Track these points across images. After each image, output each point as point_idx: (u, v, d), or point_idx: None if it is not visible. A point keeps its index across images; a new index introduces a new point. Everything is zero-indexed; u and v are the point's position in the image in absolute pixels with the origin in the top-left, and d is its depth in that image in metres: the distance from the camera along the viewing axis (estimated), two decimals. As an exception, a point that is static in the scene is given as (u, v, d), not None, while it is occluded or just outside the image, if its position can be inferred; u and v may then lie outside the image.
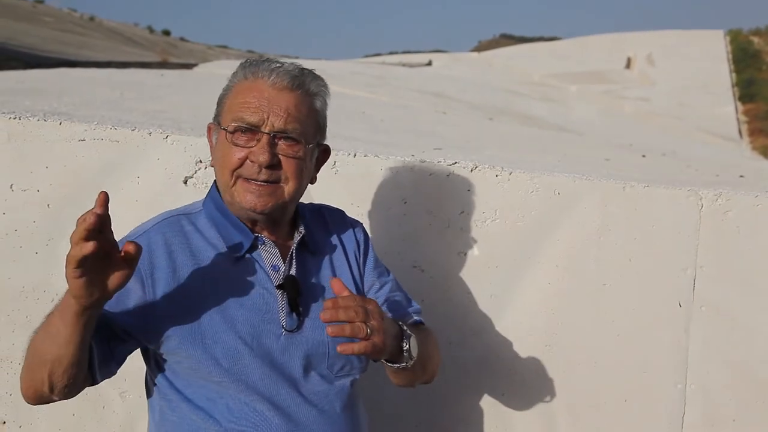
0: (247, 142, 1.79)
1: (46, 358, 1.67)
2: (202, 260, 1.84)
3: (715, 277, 2.60)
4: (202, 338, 1.78)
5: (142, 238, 1.81)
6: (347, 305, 1.68)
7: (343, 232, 2.04)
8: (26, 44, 30.34)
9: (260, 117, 1.78)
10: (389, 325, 1.77)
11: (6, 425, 2.50)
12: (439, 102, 11.89)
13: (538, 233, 2.60)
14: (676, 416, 2.63)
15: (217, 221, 1.88)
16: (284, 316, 1.83)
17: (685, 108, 20.81)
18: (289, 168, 1.81)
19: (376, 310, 1.71)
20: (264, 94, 1.80)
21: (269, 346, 1.80)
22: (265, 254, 1.87)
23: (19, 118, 2.47)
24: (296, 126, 1.80)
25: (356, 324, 1.66)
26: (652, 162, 5.32)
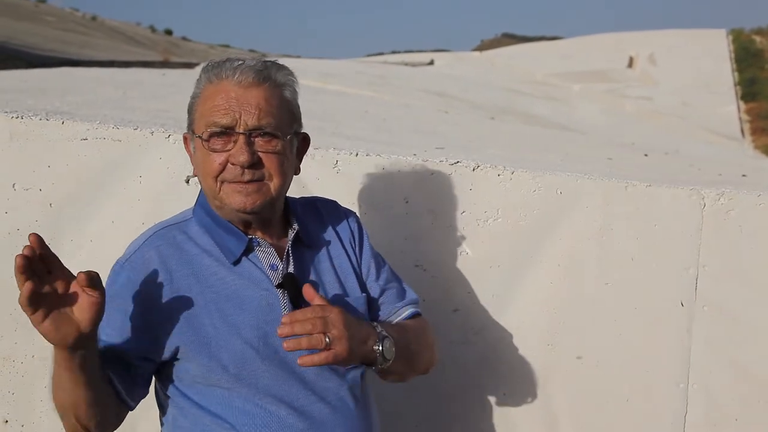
0: (224, 145, 1.78)
1: (66, 405, 1.72)
2: (198, 269, 1.83)
3: (717, 276, 2.60)
4: (208, 347, 1.78)
5: (136, 256, 1.83)
6: (305, 318, 1.67)
7: (337, 222, 2.03)
8: (28, 43, 30.36)
9: (232, 118, 1.76)
10: (355, 329, 1.74)
11: (8, 424, 2.50)
12: (441, 101, 11.89)
13: (540, 232, 2.60)
14: (679, 416, 2.62)
15: (209, 228, 1.87)
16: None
17: (687, 107, 20.79)
18: (270, 164, 1.79)
19: (337, 318, 1.70)
20: (231, 94, 1.78)
21: (276, 346, 1.79)
22: (261, 255, 1.86)
23: (21, 117, 2.47)
24: (270, 120, 1.78)
25: (314, 336, 1.66)
26: (654, 161, 5.31)
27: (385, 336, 1.81)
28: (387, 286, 2.04)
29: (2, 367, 2.49)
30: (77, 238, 2.48)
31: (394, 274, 2.10)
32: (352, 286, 1.96)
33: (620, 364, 2.61)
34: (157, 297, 1.79)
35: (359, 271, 2.01)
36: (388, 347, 1.80)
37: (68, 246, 2.48)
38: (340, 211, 2.07)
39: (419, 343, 1.99)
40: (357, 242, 2.04)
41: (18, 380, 2.49)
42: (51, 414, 2.50)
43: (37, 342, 2.48)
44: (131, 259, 1.83)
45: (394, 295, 2.05)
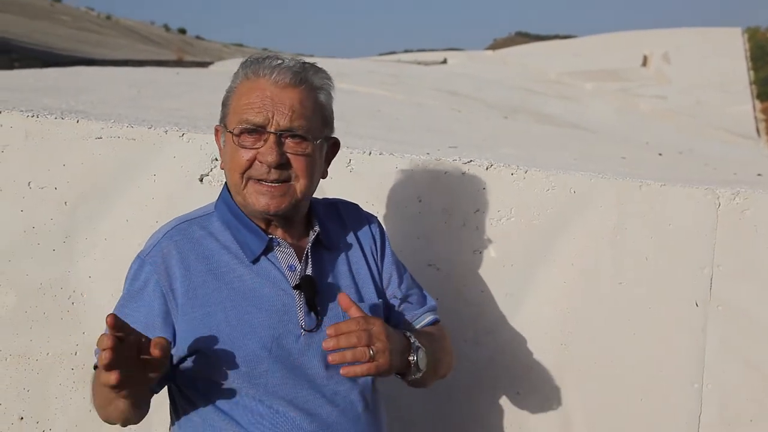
0: (254, 143, 1.78)
1: (115, 417, 1.78)
2: (216, 265, 1.83)
3: (732, 276, 2.59)
4: (221, 344, 1.78)
5: (155, 250, 1.83)
6: (349, 330, 1.68)
7: (358, 227, 2.03)
8: (44, 43, 30.52)
9: (265, 116, 1.76)
10: (395, 342, 1.76)
11: (24, 420, 2.52)
12: (454, 100, 11.88)
13: (554, 232, 2.59)
14: (693, 416, 2.61)
15: (231, 224, 1.86)
16: (303, 316, 1.82)
17: (701, 106, 20.67)
18: (298, 166, 1.79)
19: (380, 331, 1.71)
20: (267, 92, 1.78)
21: (289, 347, 1.80)
22: (280, 255, 1.86)
23: (36, 116, 2.48)
24: (302, 123, 1.78)
25: (358, 349, 1.67)
26: (668, 160, 5.29)
27: (419, 347, 1.82)
28: (409, 292, 2.05)
29: (18, 365, 2.50)
30: (91, 237, 2.50)
31: (414, 281, 2.10)
32: (368, 292, 1.95)
33: (634, 364, 2.61)
34: (175, 292, 1.80)
35: (379, 277, 2.01)
36: (422, 357, 1.81)
37: (83, 244, 2.50)
38: (361, 215, 2.07)
39: (442, 350, 2.00)
40: (378, 248, 2.03)
41: (33, 377, 2.51)
42: (66, 410, 2.52)
43: (52, 340, 2.50)
44: (151, 253, 1.84)
45: (415, 301, 2.05)
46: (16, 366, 2.50)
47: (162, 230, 1.88)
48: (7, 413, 2.51)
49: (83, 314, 2.51)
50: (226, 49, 76.25)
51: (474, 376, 2.62)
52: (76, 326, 2.51)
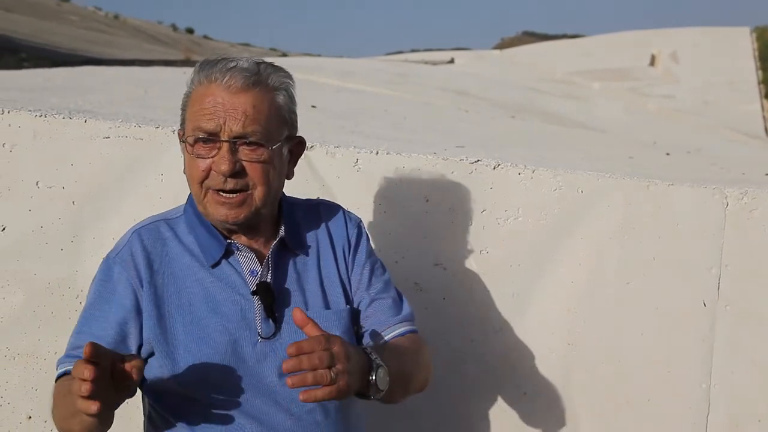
0: (208, 151, 1.73)
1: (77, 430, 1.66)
2: (178, 268, 1.80)
3: (740, 276, 2.58)
4: (175, 348, 1.75)
5: (125, 250, 1.81)
6: (311, 349, 1.55)
7: (335, 228, 1.96)
8: (52, 42, 30.61)
9: (216, 123, 1.71)
10: (355, 362, 1.63)
11: (32, 420, 2.52)
12: (461, 100, 11.86)
13: (561, 231, 2.59)
14: (701, 416, 2.61)
15: (195, 227, 1.84)
16: (260, 323, 1.79)
17: (710, 106, 20.61)
18: (255, 173, 1.74)
19: (341, 351, 1.58)
20: (218, 98, 1.72)
21: (244, 354, 1.76)
22: (242, 259, 1.82)
23: (44, 115, 2.49)
24: (256, 128, 1.72)
25: (319, 372, 1.55)
26: (676, 160, 5.28)
27: (379, 365, 1.69)
28: (378, 296, 1.94)
29: (26, 364, 2.51)
30: (99, 236, 2.50)
31: (390, 286, 1.98)
32: (336, 298, 1.89)
33: (642, 364, 2.60)
34: (139, 294, 1.78)
35: (348, 280, 1.93)
36: (382, 377, 1.69)
37: (90, 243, 2.50)
38: (341, 217, 1.99)
39: (414, 365, 1.89)
40: (351, 250, 1.95)
41: (41, 376, 2.51)
42: (73, 410, 2.53)
43: (60, 339, 2.50)
44: (121, 253, 1.81)
45: (385, 307, 1.93)
46: (24, 365, 2.51)
47: (131, 229, 1.86)
48: (16, 412, 2.52)
49: (91, 313, 2.51)
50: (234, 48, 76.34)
51: (481, 376, 2.62)
52: (84, 325, 2.51)
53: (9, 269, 2.48)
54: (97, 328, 1.77)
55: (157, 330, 1.76)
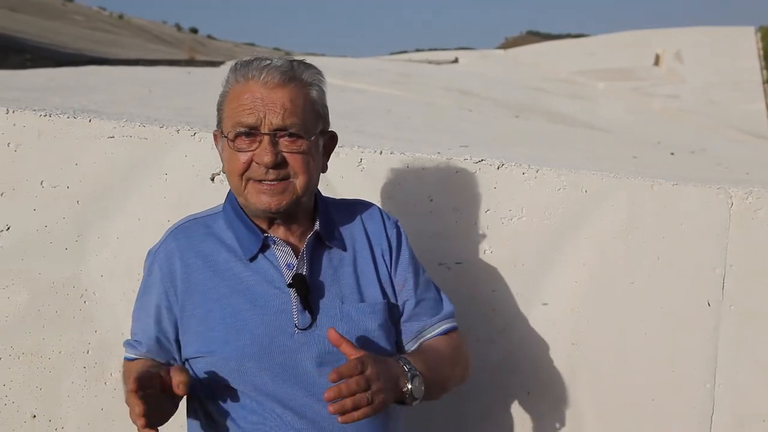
0: (249, 145, 1.80)
1: None
2: (215, 263, 1.87)
3: (744, 276, 2.57)
4: (215, 341, 1.82)
5: (162, 248, 1.91)
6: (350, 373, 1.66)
7: (372, 226, 2.02)
8: (56, 42, 30.65)
9: (257, 117, 1.78)
10: (389, 378, 1.74)
11: (36, 419, 2.53)
12: (465, 99, 11.86)
13: (565, 231, 2.59)
14: (705, 416, 2.60)
15: (233, 223, 1.90)
16: (297, 315, 1.83)
17: (714, 105, 20.59)
18: (295, 164, 1.81)
19: (373, 373, 1.69)
20: (257, 94, 1.79)
21: (282, 345, 1.81)
22: (278, 253, 1.88)
23: (49, 115, 2.49)
24: (294, 120, 1.79)
25: (357, 397, 1.65)
26: (680, 160, 5.27)
27: (414, 374, 1.79)
28: (422, 296, 2.02)
29: (30, 363, 2.51)
30: (103, 236, 2.51)
31: (431, 284, 2.07)
32: (371, 293, 1.94)
33: (646, 364, 2.60)
34: (176, 289, 1.87)
35: (389, 280, 1.98)
36: (417, 386, 1.79)
37: (94, 243, 2.51)
38: (378, 217, 2.05)
39: (450, 365, 1.98)
40: (394, 251, 2.01)
41: (46, 376, 2.52)
42: (78, 409, 2.53)
43: (65, 338, 2.51)
44: (158, 251, 1.92)
45: (428, 307, 2.02)
46: (29, 364, 2.52)
47: (169, 229, 1.95)
48: (20, 411, 2.52)
49: (95, 313, 2.52)
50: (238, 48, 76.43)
51: (486, 376, 2.62)
52: (88, 325, 2.52)
53: (13, 268, 2.48)
54: (143, 322, 1.92)
55: (199, 326, 1.84)
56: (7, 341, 2.50)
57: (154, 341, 1.90)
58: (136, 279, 2.46)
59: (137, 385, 1.59)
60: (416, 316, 2.01)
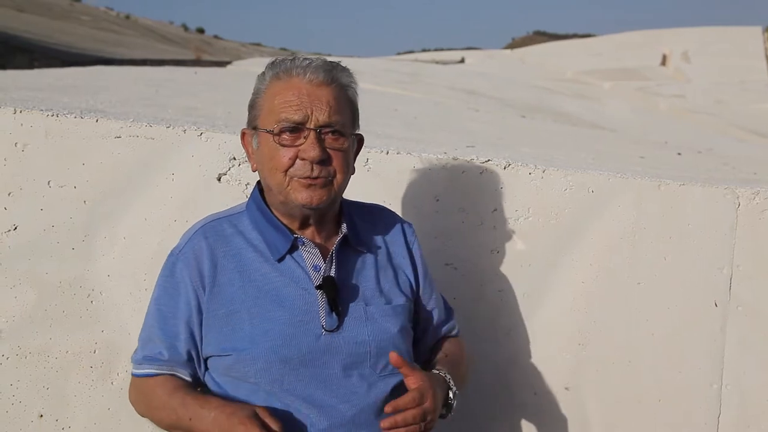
0: (294, 140, 1.81)
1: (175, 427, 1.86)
2: (243, 263, 1.87)
3: (751, 276, 2.57)
4: (243, 341, 1.82)
5: (187, 248, 1.90)
6: (406, 407, 1.77)
7: (390, 229, 2.05)
8: (63, 42, 30.70)
9: (304, 114, 1.80)
10: (439, 403, 1.86)
11: (43, 418, 2.53)
12: (471, 99, 11.85)
13: (572, 231, 2.58)
14: (712, 417, 2.60)
15: (259, 223, 1.91)
16: (324, 316, 1.85)
17: (721, 105, 20.51)
18: (338, 161, 1.83)
19: (431, 407, 1.80)
20: (303, 91, 1.81)
21: (308, 346, 1.83)
22: (306, 254, 1.89)
23: (56, 115, 2.50)
24: (339, 118, 1.82)
25: (411, 428, 1.77)
26: (687, 160, 5.26)
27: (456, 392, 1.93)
28: (437, 303, 2.11)
29: (37, 362, 2.52)
30: (110, 235, 2.51)
31: (439, 293, 2.15)
32: (393, 296, 1.97)
33: (652, 365, 2.59)
34: (205, 288, 1.86)
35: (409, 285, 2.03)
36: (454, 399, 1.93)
37: (101, 243, 2.51)
38: (396, 222, 2.09)
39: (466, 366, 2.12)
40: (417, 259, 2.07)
41: (53, 375, 2.52)
42: (85, 409, 2.53)
43: (72, 338, 2.51)
44: (184, 250, 1.91)
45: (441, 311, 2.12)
46: (36, 364, 2.52)
47: (194, 227, 1.95)
48: (27, 411, 2.52)
49: (102, 313, 2.52)
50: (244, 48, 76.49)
51: (492, 376, 2.62)
52: (95, 325, 2.52)
53: (21, 268, 2.49)
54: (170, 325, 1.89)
55: (225, 326, 1.84)
56: (14, 341, 2.50)
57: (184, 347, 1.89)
58: (143, 279, 2.47)
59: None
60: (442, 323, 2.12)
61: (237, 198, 2.43)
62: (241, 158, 2.50)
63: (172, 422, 1.84)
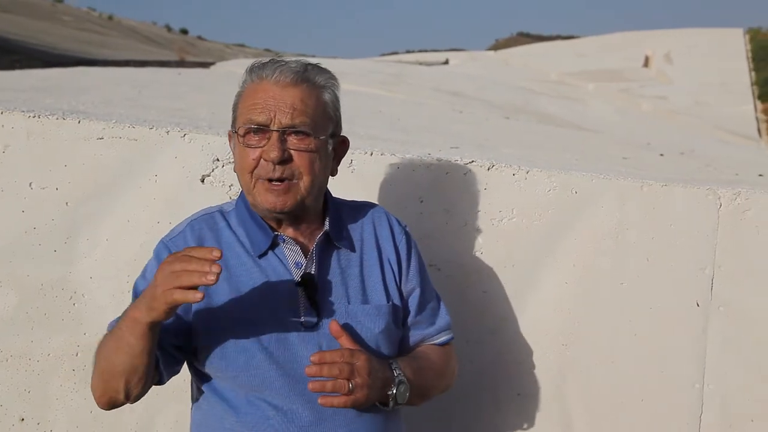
0: (258, 141, 1.83)
1: (120, 369, 1.76)
2: (229, 257, 1.88)
3: (733, 276, 2.58)
4: (222, 335, 1.84)
5: (179, 237, 1.92)
6: (333, 361, 1.75)
7: (381, 232, 2.05)
8: (46, 43, 30.52)
9: (267, 116, 1.82)
10: (377, 377, 1.82)
11: (24, 422, 2.52)
12: (455, 100, 11.87)
13: (555, 232, 2.59)
14: (694, 416, 2.61)
15: (244, 220, 1.93)
16: (303, 313, 1.86)
17: (703, 106, 20.65)
18: (302, 162, 1.83)
19: (363, 366, 1.78)
20: (269, 93, 1.84)
21: (288, 342, 1.85)
22: (288, 252, 1.90)
23: (38, 116, 2.48)
24: (304, 119, 1.83)
25: (338, 381, 1.74)
26: (670, 161, 5.29)
27: (401, 381, 1.87)
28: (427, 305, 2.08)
29: (18, 365, 2.50)
30: (93, 237, 2.50)
31: (434, 294, 2.13)
32: (376, 295, 1.97)
33: (635, 365, 2.60)
34: None
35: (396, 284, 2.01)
36: (402, 392, 1.87)
37: (84, 245, 2.50)
38: (387, 222, 2.08)
39: (437, 377, 2.06)
40: (403, 259, 2.04)
41: (34, 378, 2.51)
42: (67, 412, 2.52)
43: (53, 340, 2.50)
44: (175, 239, 1.92)
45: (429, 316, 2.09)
46: (17, 367, 2.50)
47: (188, 219, 1.97)
48: (8, 414, 2.51)
49: (84, 315, 2.51)
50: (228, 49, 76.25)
51: (475, 377, 2.62)
52: (77, 327, 2.51)
53: (2, 271, 2.47)
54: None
55: (206, 318, 1.85)
56: (-5, 343, 2.48)
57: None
58: (126, 281, 2.46)
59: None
60: (418, 324, 2.07)
61: (220, 199, 2.42)
62: (224, 159, 2.49)
63: (116, 347, 1.75)
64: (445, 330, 2.11)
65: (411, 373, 1.91)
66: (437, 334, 2.10)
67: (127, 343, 1.72)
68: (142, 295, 1.71)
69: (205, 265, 1.60)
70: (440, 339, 2.10)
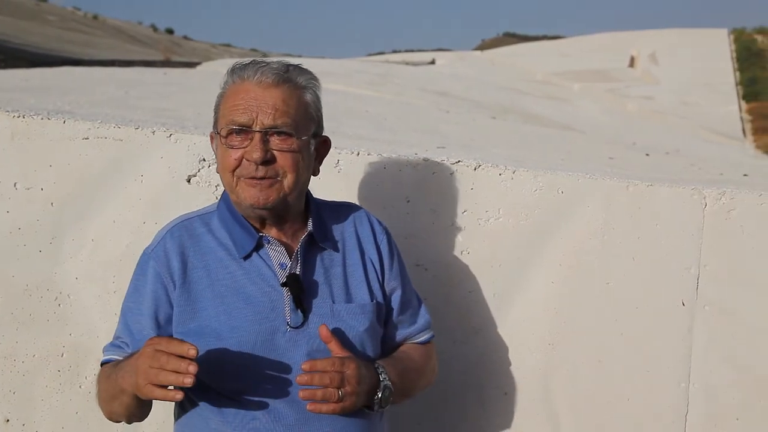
0: (241, 142, 1.84)
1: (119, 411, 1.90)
2: (211, 261, 1.90)
3: (718, 276, 2.60)
4: (209, 339, 1.84)
5: (159, 246, 1.93)
6: (324, 369, 1.76)
7: (362, 232, 2.06)
8: (30, 42, 30.36)
9: (249, 116, 1.83)
10: (365, 384, 1.83)
11: (9, 423, 2.50)
12: (442, 100, 11.88)
13: (542, 232, 2.60)
14: (679, 415, 2.62)
15: (227, 222, 1.93)
16: (289, 313, 1.87)
17: (688, 106, 20.76)
18: (284, 162, 1.85)
19: (352, 375, 1.79)
20: (251, 94, 1.84)
21: (274, 342, 1.86)
22: (272, 252, 1.91)
23: (23, 116, 2.47)
24: (286, 120, 1.84)
25: (328, 390, 1.76)
26: (655, 160, 5.31)
27: (386, 386, 1.88)
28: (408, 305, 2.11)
29: (3, 366, 2.49)
30: (78, 238, 2.48)
31: (414, 293, 2.15)
32: (361, 294, 1.98)
33: (622, 364, 2.61)
34: (175, 284, 1.89)
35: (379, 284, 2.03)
36: (386, 396, 1.88)
37: (69, 245, 2.49)
38: (368, 222, 2.09)
39: (419, 376, 2.10)
40: (385, 259, 2.06)
41: (19, 379, 2.49)
42: (52, 414, 2.51)
43: (38, 341, 2.48)
44: (156, 249, 1.93)
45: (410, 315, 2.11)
46: (2, 368, 2.49)
47: (167, 226, 1.97)
48: (-7, 415, 2.49)
49: (70, 316, 2.50)
50: (214, 49, 76.05)
51: (462, 376, 2.62)
52: (63, 328, 2.50)
53: (-13, 271, 2.46)
54: (135, 320, 1.91)
55: (191, 323, 1.87)
56: (-20, 345, 2.47)
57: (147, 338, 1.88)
58: (112, 281, 2.45)
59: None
60: (401, 323, 2.09)
61: (206, 199, 2.42)
62: (210, 159, 2.49)
63: (113, 394, 1.86)
64: (426, 329, 2.14)
65: (396, 376, 1.92)
66: (419, 333, 2.13)
67: (122, 401, 1.83)
68: (130, 368, 1.75)
69: (181, 365, 1.63)
70: (422, 338, 2.13)
